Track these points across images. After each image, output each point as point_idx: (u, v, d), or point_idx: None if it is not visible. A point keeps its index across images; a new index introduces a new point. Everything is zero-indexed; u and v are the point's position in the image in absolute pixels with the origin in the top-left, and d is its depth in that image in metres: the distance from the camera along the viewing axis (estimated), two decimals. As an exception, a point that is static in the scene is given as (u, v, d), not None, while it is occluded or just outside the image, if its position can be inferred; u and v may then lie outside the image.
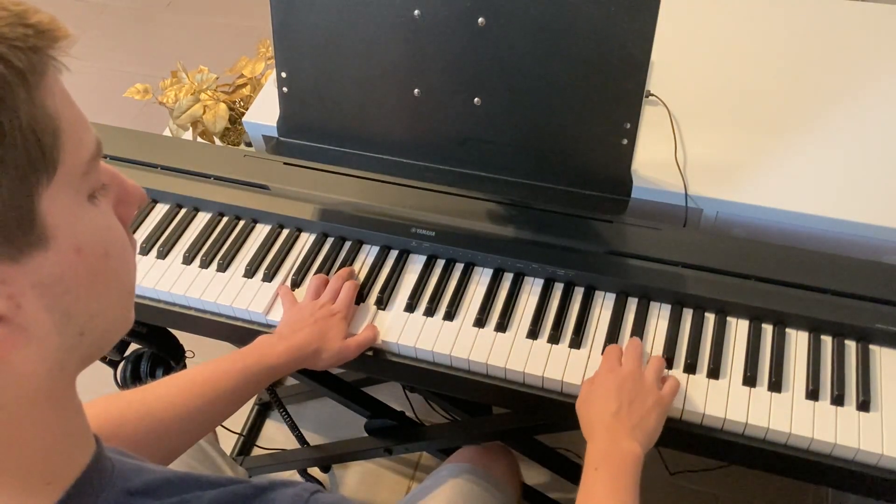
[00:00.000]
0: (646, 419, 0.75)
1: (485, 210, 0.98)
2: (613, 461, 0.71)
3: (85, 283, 0.41)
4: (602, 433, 0.74)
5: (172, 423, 0.76)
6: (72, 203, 0.39)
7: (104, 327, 0.43)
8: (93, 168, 0.41)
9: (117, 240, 0.43)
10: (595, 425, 0.76)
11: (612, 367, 0.80)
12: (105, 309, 0.43)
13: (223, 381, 0.79)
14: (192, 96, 1.18)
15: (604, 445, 0.73)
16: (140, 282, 0.97)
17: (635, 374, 0.79)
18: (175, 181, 1.06)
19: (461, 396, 0.90)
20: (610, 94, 0.95)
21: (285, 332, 0.87)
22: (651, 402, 0.77)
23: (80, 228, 0.40)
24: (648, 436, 0.75)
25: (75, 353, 0.42)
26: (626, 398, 0.76)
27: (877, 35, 1.20)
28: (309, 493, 0.51)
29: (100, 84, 2.49)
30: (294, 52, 1.03)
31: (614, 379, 0.78)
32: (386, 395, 1.37)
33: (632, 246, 0.93)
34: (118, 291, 0.44)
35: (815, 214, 0.96)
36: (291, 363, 0.85)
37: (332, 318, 0.88)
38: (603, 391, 0.78)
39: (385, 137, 1.06)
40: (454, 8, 0.94)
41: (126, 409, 0.75)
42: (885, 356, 0.84)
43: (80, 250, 0.40)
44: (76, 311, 0.41)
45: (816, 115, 1.08)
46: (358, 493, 1.53)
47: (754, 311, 0.88)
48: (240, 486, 0.50)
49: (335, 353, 0.87)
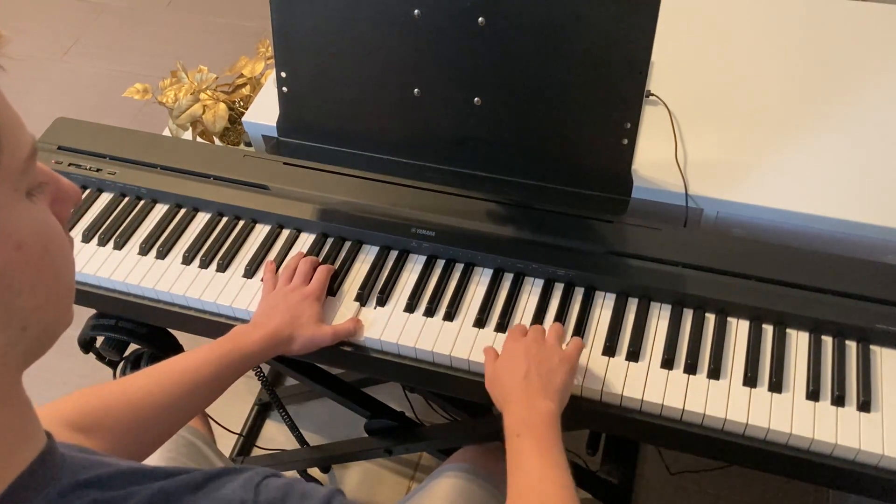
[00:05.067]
0: (554, 377, 0.78)
1: (485, 210, 0.98)
2: (533, 424, 0.74)
3: (27, 278, 0.42)
4: (516, 400, 0.77)
5: (152, 412, 0.78)
6: (10, 201, 0.40)
7: (46, 321, 0.44)
8: (30, 167, 0.42)
9: (56, 235, 0.44)
10: (508, 394, 0.78)
11: (516, 337, 0.83)
12: (46, 303, 0.44)
13: (201, 371, 0.81)
14: (191, 96, 1.18)
15: (521, 411, 0.75)
16: (140, 282, 0.97)
17: (538, 339, 0.82)
18: (175, 181, 1.06)
19: (461, 396, 0.90)
20: (610, 94, 0.94)
21: (261, 320, 0.89)
22: (557, 360, 0.80)
23: (19, 225, 0.41)
24: (560, 393, 0.78)
25: (18, 349, 0.43)
26: (534, 360, 0.79)
27: (877, 35, 1.20)
28: (261, 476, 0.52)
29: (99, 84, 2.49)
30: (294, 52, 1.03)
31: (519, 346, 0.82)
32: (386, 395, 1.37)
33: (632, 246, 0.93)
34: (58, 286, 0.45)
35: (816, 214, 0.96)
36: (267, 350, 0.87)
37: (305, 302, 0.89)
38: (510, 358, 0.81)
39: (385, 137, 1.06)
40: (454, 8, 0.94)
41: (107, 400, 0.76)
42: (886, 356, 0.84)
43: (21, 246, 0.41)
44: (18, 305, 0.41)
45: (817, 114, 1.08)
46: (358, 493, 1.53)
47: (755, 311, 0.88)
48: (189, 476, 0.50)
49: (308, 339, 0.88)
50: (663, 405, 0.82)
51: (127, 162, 1.08)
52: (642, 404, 0.83)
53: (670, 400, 0.82)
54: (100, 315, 1.07)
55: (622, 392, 0.83)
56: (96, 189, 1.08)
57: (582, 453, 1.23)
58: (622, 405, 0.84)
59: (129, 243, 1.02)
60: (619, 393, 0.83)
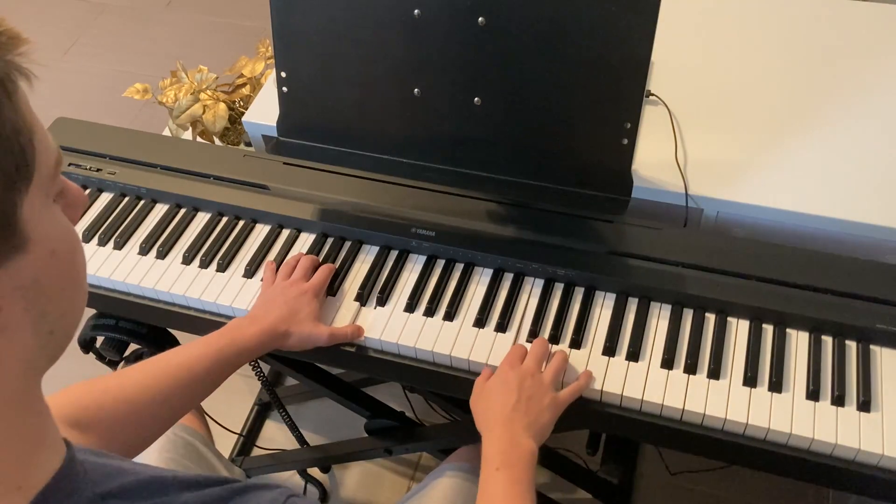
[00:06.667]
0: (540, 417, 0.78)
1: (485, 210, 0.98)
2: (513, 460, 0.74)
3: (58, 284, 0.42)
4: (500, 428, 0.77)
5: (148, 407, 0.78)
6: (42, 207, 0.41)
7: (69, 326, 0.45)
8: (57, 172, 0.43)
9: (78, 242, 0.45)
10: (492, 419, 0.78)
11: (514, 364, 0.83)
12: (73, 307, 0.45)
13: (197, 365, 0.81)
14: (191, 96, 1.18)
15: (502, 443, 0.76)
16: (140, 282, 0.97)
17: (535, 372, 0.82)
18: (175, 181, 1.06)
19: (461, 396, 0.90)
20: (610, 94, 0.94)
21: (258, 315, 0.88)
22: (547, 401, 0.80)
23: (52, 232, 0.42)
24: (541, 433, 0.78)
25: (45, 352, 0.43)
26: (525, 394, 0.79)
27: (877, 35, 1.20)
28: (285, 496, 0.51)
29: (99, 84, 2.49)
30: (294, 51, 1.03)
31: (515, 375, 0.81)
32: (386, 395, 1.37)
33: (632, 246, 0.93)
34: (80, 291, 0.46)
35: (816, 214, 0.96)
36: (263, 345, 0.86)
37: (303, 297, 0.89)
38: (503, 385, 0.81)
39: (385, 137, 1.06)
40: (454, 7, 0.94)
41: (103, 394, 0.76)
42: (886, 356, 0.84)
43: (54, 252, 0.42)
44: (49, 310, 0.42)
45: (817, 114, 1.08)
46: (358, 493, 1.53)
47: (755, 311, 0.88)
48: (216, 490, 0.50)
49: (305, 336, 0.88)
50: (663, 405, 0.82)
51: (127, 162, 1.08)
52: (642, 404, 0.83)
53: (670, 400, 0.82)
54: (100, 315, 1.07)
55: (622, 392, 0.83)
56: (96, 189, 1.08)
57: (582, 453, 1.23)
58: (622, 405, 0.84)
59: (130, 243, 1.02)
60: (619, 393, 0.83)
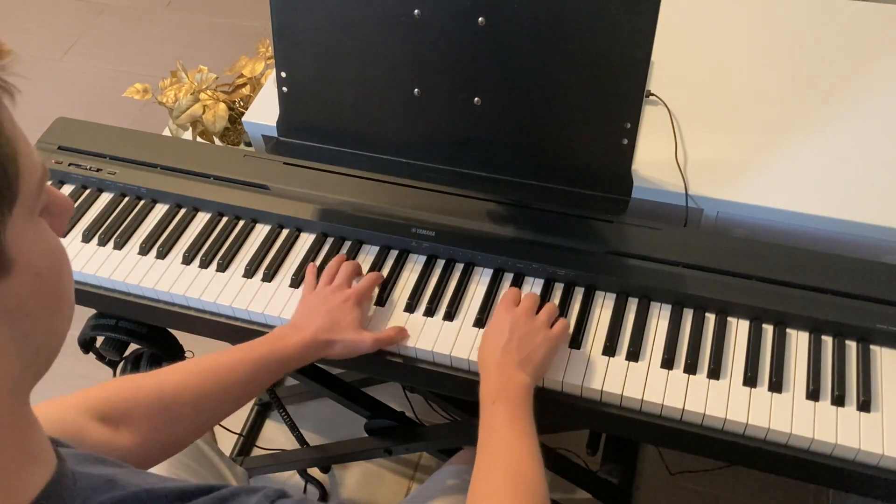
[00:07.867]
0: (534, 353, 0.81)
1: (485, 210, 0.98)
2: (508, 394, 0.76)
3: (44, 306, 0.41)
4: (495, 368, 0.79)
5: (184, 408, 0.76)
6: (26, 227, 0.40)
7: (55, 343, 0.44)
8: (42, 189, 0.41)
9: (64, 258, 0.44)
10: (488, 361, 0.80)
11: (508, 307, 0.85)
12: (58, 327, 0.44)
13: (236, 371, 0.80)
14: (191, 96, 1.18)
15: (497, 380, 0.78)
16: (140, 282, 0.97)
17: (529, 313, 0.84)
18: (175, 181, 1.06)
19: (461, 396, 0.90)
20: (610, 94, 0.94)
21: (300, 323, 0.86)
22: (540, 339, 0.82)
23: (36, 253, 0.40)
24: (536, 369, 0.80)
25: (30, 372, 0.42)
26: (518, 333, 0.81)
27: (877, 35, 1.20)
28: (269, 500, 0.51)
29: (99, 84, 2.49)
30: (294, 51, 1.03)
31: (508, 317, 0.83)
32: (386, 395, 1.37)
33: (632, 246, 0.93)
34: (68, 308, 0.45)
35: (815, 214, 0.96)
36: (305, 355, 0.84)
37: (345, 305, 0.87)
38: (497, 327, 0.83)
39: (385, 137, 1.06)
40: (454, 7, 0.94)
41: (137, 392, 0.75)
42: (886, 356, 0.84)
43: (39, 274, 0.40)
44: (34, 332, 0.41)
45: (817, 115, 1.08)
46: (358, 493, 1.53)
47: (755, 311, 0.88)
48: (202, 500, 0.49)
49: (349, 345, 0.86)
50: (663, 405, 0.82)
51: (127, 162, 1.08)
52: (642, 404, 0.83)
53: (670, 400, 0.82)
54: (100, 315, 1.07)
55: (622, 392, 0.83)
56: (96, 189, 1.08)
57: (582, 453, 1.23)
58: (622, 405, 0.84)
59: (129, 243, 1.02)
60: (619, 393, 0.83)
